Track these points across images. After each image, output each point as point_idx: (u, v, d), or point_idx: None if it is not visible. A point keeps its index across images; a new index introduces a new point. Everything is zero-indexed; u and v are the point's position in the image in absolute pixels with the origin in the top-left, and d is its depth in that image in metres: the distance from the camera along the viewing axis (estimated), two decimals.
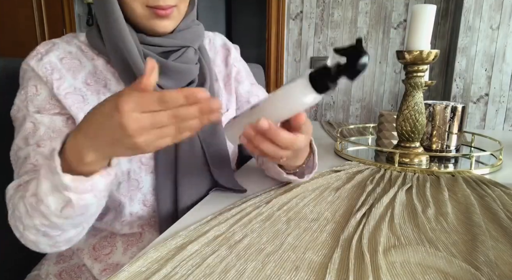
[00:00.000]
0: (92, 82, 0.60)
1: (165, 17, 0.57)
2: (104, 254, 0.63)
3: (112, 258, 0.62)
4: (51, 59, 0.57)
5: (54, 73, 0.57)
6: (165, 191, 0.62)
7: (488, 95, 1.57)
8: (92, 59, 0.61)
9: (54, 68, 0.57)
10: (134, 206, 0.62)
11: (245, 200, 0.62)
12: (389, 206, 0.60)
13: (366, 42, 1.82)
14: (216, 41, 0.78)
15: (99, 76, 0.61)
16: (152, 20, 0.57)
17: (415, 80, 0.83)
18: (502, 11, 1.50)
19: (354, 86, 1.87)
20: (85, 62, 0.61)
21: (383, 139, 1.03)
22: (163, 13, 0.56)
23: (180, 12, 0.60)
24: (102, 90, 0.60)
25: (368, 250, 0.45)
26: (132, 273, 0.40)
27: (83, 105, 0.58)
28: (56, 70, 0.57)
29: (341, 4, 1.82)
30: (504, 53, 1.52)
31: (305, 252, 0.45)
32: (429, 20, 0.79)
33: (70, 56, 0.60)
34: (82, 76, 0.59)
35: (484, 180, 0.73)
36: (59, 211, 0.45)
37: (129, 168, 0.60)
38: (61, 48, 0.60)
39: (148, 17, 0.57)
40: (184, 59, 0.62)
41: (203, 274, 0.40)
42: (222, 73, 0.76)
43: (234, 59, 0.77)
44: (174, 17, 0.59)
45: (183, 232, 0.49)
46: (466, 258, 0.44)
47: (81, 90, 0.59)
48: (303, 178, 0.66)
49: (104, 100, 0.40)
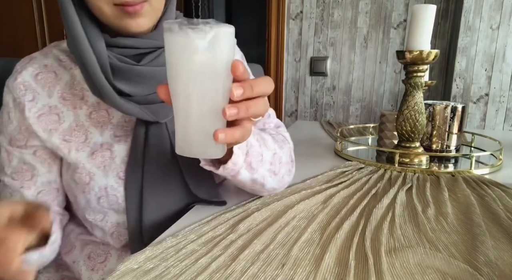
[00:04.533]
0: (68, 96, 0.57)
1: (136, 14, 0.51)
2: (100, 262, 0.62)
3: (108, 266, 0.62)
4: (24, 78, 0.56)
5: (27, 94, 0.55)
6: (131, 207, 0.58)
7: (488, 95, 1.57)
8: (70, 68, 0.58)
9: (28, 88, 0.55)
10: (120, 216, 0.60)
11: (246, 201, 0.62)
12: (390, 206, 0.60)
13: (366, 42, 1.82)
14: None
15: (76, 87, 0.58)
16: (123, 20, 0.52)
17: (415, 80, 0.83)
18: (502, 11, 1.50)
19: (354, 86, 1.87)
20: (62, 74, 0.58)
21: (385, 139, 1.03)
22: (131, 10, 0.50)
23: (154, 8, 0.53)
24: (79, 104, 0.57)
25: (371, 251, 0.45)
26: (122, 272, 0.40)
27: (59, 125, 0.56)
28: (29, 90, 0.55)
29: (341, 4, 1.82)
30: (504, 53, 1.52)
31: (306, 253, 0.45)
32: (429, 20, 0.78)
33: (45, 70, 0.57)
34: (58, 91, 0.57)
35: (484, 180, 0.73)
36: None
37: (106, 184, 0.57)
38: (36, 63, 0.57)
39: (118, 16, 0.51)
40: (162, 61, 0.56)
41: (196, 274, 0.40)
42: None
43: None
44: (147, 13, 0.53)
45: (182, 232, 0.49)
46: (466, 258, 0.44)
47: (56, 108, 0.56)
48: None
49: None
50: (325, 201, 0.62)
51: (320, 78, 1.92)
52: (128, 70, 0.54)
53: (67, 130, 0.57)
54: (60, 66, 0.58)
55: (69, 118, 0.57)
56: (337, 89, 1.89)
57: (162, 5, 0.55)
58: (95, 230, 0.63)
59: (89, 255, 0.63)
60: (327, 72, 1.89)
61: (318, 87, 1.93)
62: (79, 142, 0.57)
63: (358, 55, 1.84)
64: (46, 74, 0.57)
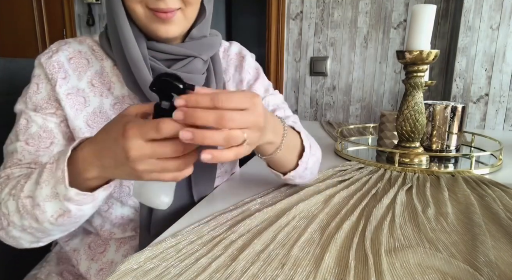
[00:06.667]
0: (97, 83, 0.60)
1: (167, 21, 0.54)
2: (99, 252, 0.63)
3: (106, 256, 0.62)
4: (59, 58, 0.58)
5: (60, 71, 0.57)
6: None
7: (488, 95, 1.57)
8: (101, 59, 0.62)
9: (61, 67, 0.58)
10: (125, 209, 0.62)
11: (247, 201, 0.62)
12: (390, 206, 0.60)
13: (366, 42, 1.82)
14: (231, 50, 0.75)
15: (105, 78, 0.61)
16: (154, 24, 0.54)
17: (415, 80, 0.83)
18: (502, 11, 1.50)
19: (354, 86, 1.87)
20: (93, 62, 0.61)
21: (385, 139, 1.03)
22: (163, 16, 0.53)
23: (187, 17, 0.56)
24: (106, 93, 0.60)
25: (371, 251, 0.45)
26: (123, 272, 0.40)
27: (84, 107, 0.58)
28: (62, 69, 0.58)
29: (341, 4, 1.82)
30: (504, 53, 1.52)
31: (306, 253, 0.45)
32: (429, 20, 0.78)
33: (79, 56, 0.60)
34: (88, 76, 0.60)
35: (484, 180, 0.73)
36: (55, 218, 0.45)
37: None
38: (71, 47, 0.60)
39: (150, 20, 0.54)
40: (189, 69, 0.60)
41: (196, 274, 0.40)
42: (236, 79, 0.73)
43: (249, 65, 0.75)
44: (179, 21, 0.55)
45: (182, 232, 0.49)
46: (466, 258, 0.44)
47: (84, 91, 0.59)
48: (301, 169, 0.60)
49: (113, 119, 0.41)
50: (325, 201, 0.62)
51: (320, 78, 1.92)
52: (159, 72, 0.56)
53: (91, 114, 0.59)
54: (93, 55, 0.61)
55: (94, 103, 0.59)
56: (337, 89, 1.89)
57: (194, 16, 0.58)
58: (96, 218, 0.63)
59: (90, 244, 0.64)
60: (327, 72, 1.89)
61: (318, 87, 1.93)
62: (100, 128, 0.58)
63: (358, 55, 1.84)
64: (79, 59, 0.60)
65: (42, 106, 0.57)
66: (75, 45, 0.61)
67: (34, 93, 0.57)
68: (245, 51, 0.77)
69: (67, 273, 0.65)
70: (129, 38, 0.55)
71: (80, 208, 0.45)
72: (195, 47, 0.61)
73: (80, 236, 0.66)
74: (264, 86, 0.76)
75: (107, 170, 0.41)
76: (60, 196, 0.43)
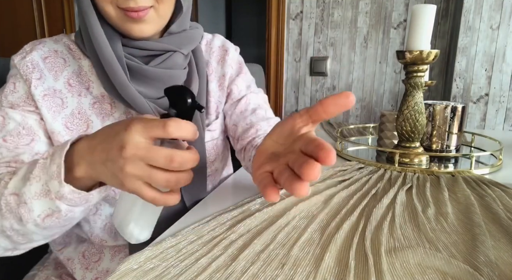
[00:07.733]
0: (74, 83, 0.58)
1: (140, 20, 0.52)
2: (94, 261, 0.62)
3: (101, 265, 0.62)
4: (33, 58, 0.56)
5: (34, 72, 0.55)
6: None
7: (488, 95, 1.57)
8: (79, 58, 0.59)
9: (36, 67, 0.55)
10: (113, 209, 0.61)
11: (247, 201, 0.62)
12: (390, 206, 0.60)
13: (366, 42, 1.82)
14: (214, 42, 0.73)
15: (83, 77, 0.58)
16: (126, 24, 0.52)
17: (415, 80, 0.83)
18: (502, 11, 1.50)
19: (354, 86, 1.87)
20: (70, 61, 0.59)
21: (385, 139, 1.03)
22: (135, 16, 0.51)
23: (160, 15, 0.54)
24: (84, 92, 0.58)
25: (371, 251, 0.45)
26: (123, 272, 0.40)
27: (61, 109, 0.56)
28: (37, 69, 0.55)
29: (341, 4, 1.82)
30: (504, 53, 1.52)
31: (306, 253, 0.45)
32: (429, 20, 0.78)
33: (55, 55, 0.58)
34: (65, 76, 0.57)
35: (484, 180, 0.73)
36: (42, 219, 0.42)
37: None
38: (46, 47, 0.58)
39: (122, 20, 0.52)
40: (169, 64, 0.58)
41: (196, 274, 0.40)
42: (218, 73, 0.71)
43: (231, 59, 0.73)
44: (152, 20, 0.53)
45: (182, 232, 0.49)
46: (466, 258, 0.44)
47: (61, 92, 0.57)
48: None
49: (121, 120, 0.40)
50: (325, 201, 0.62)
51: (320, 78, 1.92)
52: (136, 70, 0.55)
53: (69, 116, 0.57)
54: (70, 54, 0.59)
55: (72, 104, 0.57)
56: (337, 89, 1.89)
57: (169, 12, 0.55)
58: (84, 225, 0.62)
59: (84, 253, 0.63)
60: (327, 72, 1.89)
61: (318, 87, 1.93)
62: (80, 131, 0.57)
63: (358, 55, 1.84)
64: (55, 58, 0.58)
65: (20, 104, 0.55)
66: (51, 44, 0.59)
67: (11, 92, 0.55)
68: (228, 44, 0.74)
69: (66, 276, 0.65)
70: (100, 39, 0.52)
71: (72, 209, 0.42)
72: (174, 41, 0.58)
73: (73, 245, 0.64)
74: (246, 82, 0.74)
75: (94, 165, 0.38)
76: (52, 193, 0.40)
